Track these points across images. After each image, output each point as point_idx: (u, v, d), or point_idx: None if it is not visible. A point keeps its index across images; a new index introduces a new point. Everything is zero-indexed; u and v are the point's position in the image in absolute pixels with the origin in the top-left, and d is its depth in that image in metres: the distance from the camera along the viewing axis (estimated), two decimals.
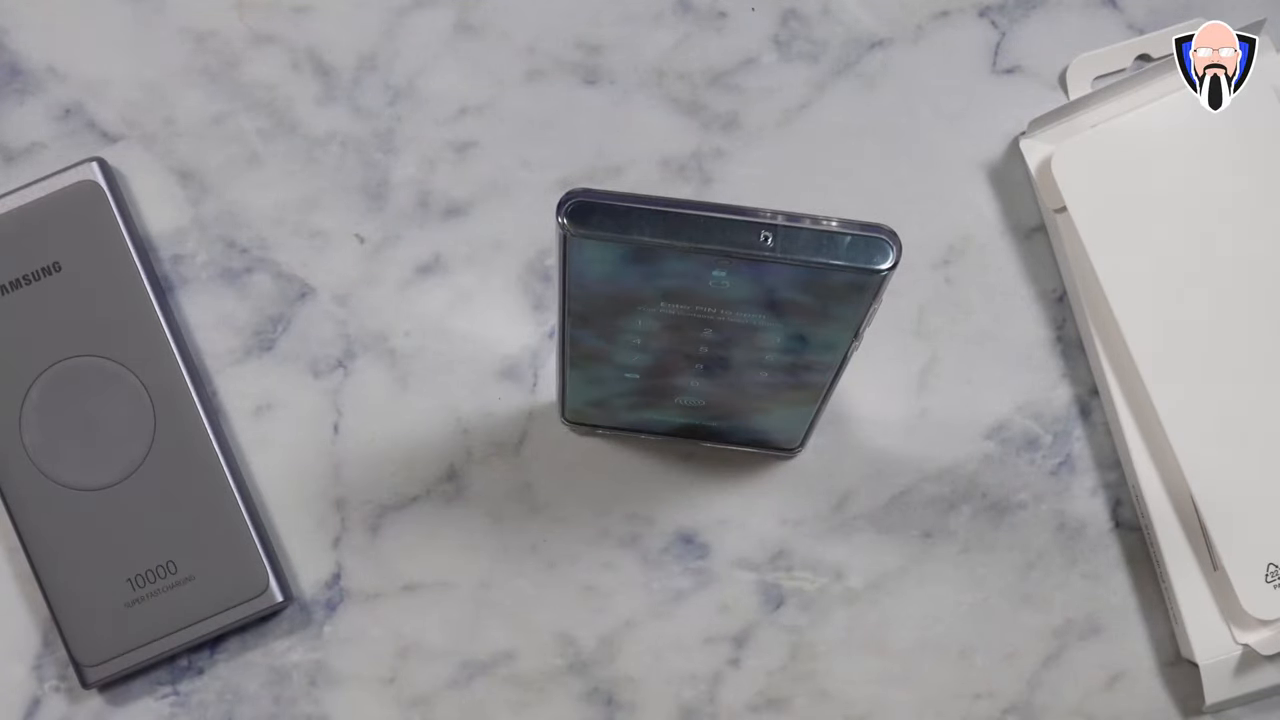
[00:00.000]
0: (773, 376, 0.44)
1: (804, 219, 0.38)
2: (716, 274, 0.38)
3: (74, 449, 0.51)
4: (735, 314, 0.40)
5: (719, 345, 0.42)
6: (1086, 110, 0.53)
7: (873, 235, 0.38)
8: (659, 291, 0.39)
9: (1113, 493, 0.54)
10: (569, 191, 0.37)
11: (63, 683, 0.53)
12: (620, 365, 0.45)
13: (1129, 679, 0.54)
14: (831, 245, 0.38)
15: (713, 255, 0.37)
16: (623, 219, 0.37)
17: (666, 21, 0.54)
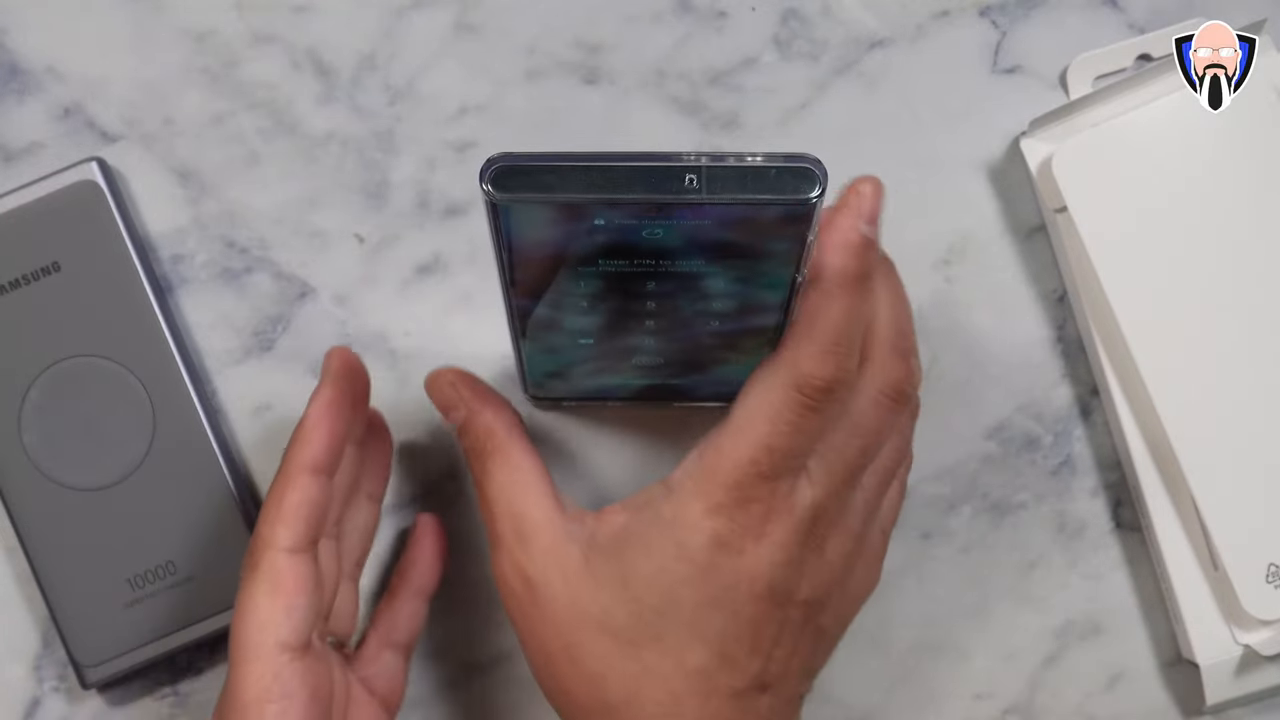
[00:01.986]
0: (724, 324, 0.43)
1: (727, 157, 0.37)
2: (648, 223, 0.38)
3: (74, 449, 0.51)
4: (675, 263, 0.40)
5: (664, 298, 0.42)
6: (1087, 110, 0.53)
7: (798, 165, 0.38)
8: (596, 249, 0.39)
9: (1113, 493, 0.54)
10: (489, 158, 0.37)
11: (62, 683, 0.53)
12: (572, 331, 0.44)
13: (1129, 679, 0.54)
14: (758, 180, 0.37)
15: (639, 205, 0.37)
16: (547, 178, 0.37)
17: (666, 21, 0.54)
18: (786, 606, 0.43)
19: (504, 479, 0.46)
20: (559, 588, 0.44)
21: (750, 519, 0.42)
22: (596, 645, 0.43)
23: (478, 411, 0.47)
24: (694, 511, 0.42)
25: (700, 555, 0.42)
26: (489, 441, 0.46)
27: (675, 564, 0.42)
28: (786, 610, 0.43)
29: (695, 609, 0.42)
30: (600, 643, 0.43)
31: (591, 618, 0.43)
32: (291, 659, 0.43)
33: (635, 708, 0.43)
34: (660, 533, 0.42)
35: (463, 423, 0.47)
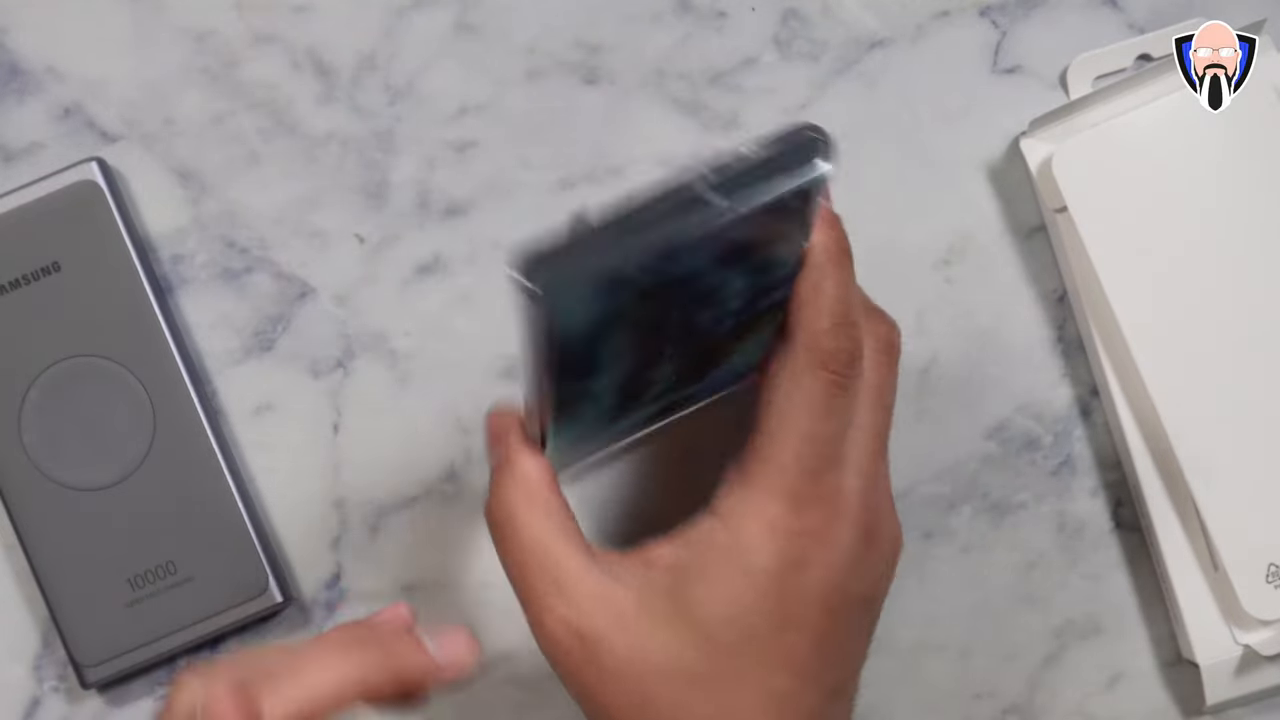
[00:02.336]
0: (739, 317, 0.41)
1: (728, 159, 0.36)
2: (683, 254, 0.37)
3: (74, 449, 0.51)
4: (699, 282, 0.38)
5: (687, 319, 0.40)
6: (1087, 110, 0.53)
7: (803, 138, 0.36)
8: (633, 300, 0.37)
9: (1113, 493, 0.54)
10: (512, 260, 0.35)
11: (62, 683, 0.53)
12: (599, 392, 0.42)
13: (1129, 679, 0.54)
14: (772, 169, 0.36)
15: (682, 245, 0.36)
16: (580, 254, 0.35)
17: (666, 21, 0.54)
18: (853, 608, 0.42)
19: (538, 527, 0.42)
20: (617, 637, 0.41)
21: (812, 526, 0.40)
22: (669, 692, 0.41)
23: (517, 454, 0.43)
24: (753, 533, 0.40)
25: (770, 579, 0.40)
26: (523, 486, 0.43)
27: (745, 593, 0.40)
28: (852, 612, 0.42)
29: (771, 635, 0.41)
30: (672, 688, 0.41)
31: (658, 664, 0.41)
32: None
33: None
34: (721, 562, 0.40)
35: (499, 462, 0.44)
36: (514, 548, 0.42)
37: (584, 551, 0.42)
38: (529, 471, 0.43)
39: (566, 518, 0.43)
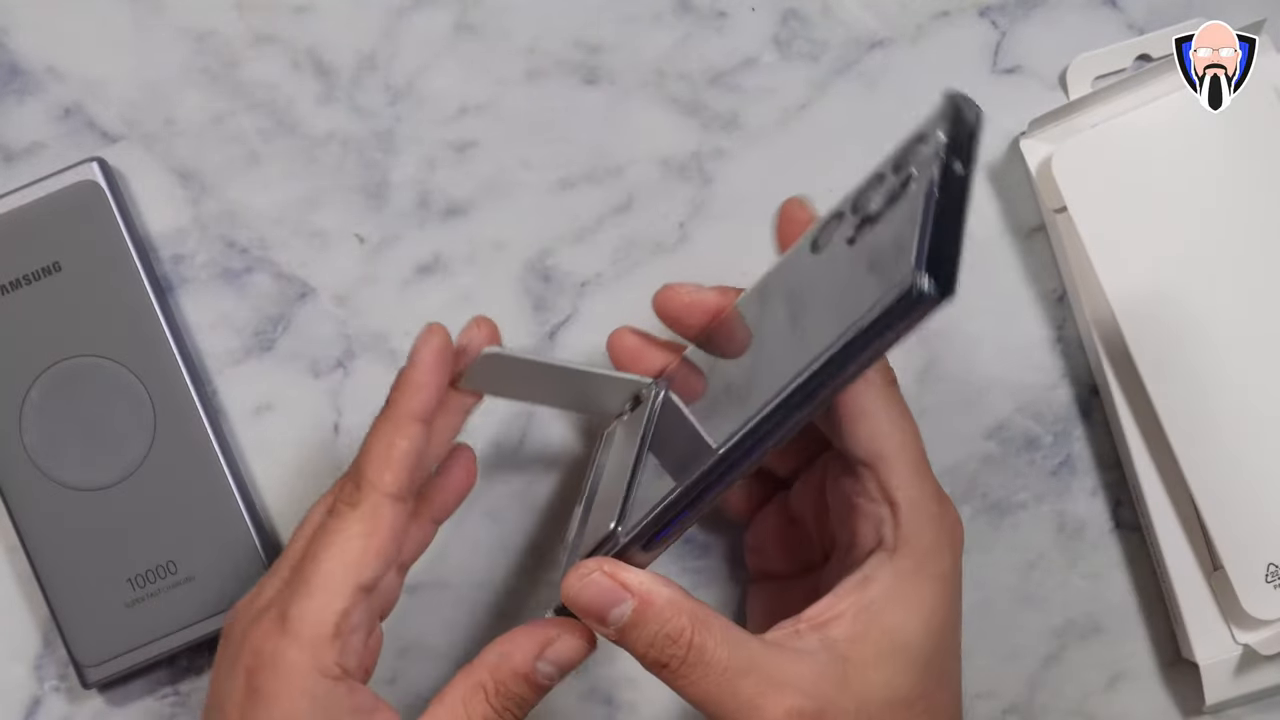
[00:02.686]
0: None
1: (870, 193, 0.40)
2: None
3: (74, 449, 0.51)
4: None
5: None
6: (1086, 110, 0.53)
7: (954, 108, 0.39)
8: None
9: (1113, 493, 0.54)
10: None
11: (63, 682, 0.53)
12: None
13: (1129, 679, 0.54)
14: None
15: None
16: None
17: (666, 21, 0.54)
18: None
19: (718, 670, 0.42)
20: (844, 700, 0.42)
21: (959, 533, 0.45)
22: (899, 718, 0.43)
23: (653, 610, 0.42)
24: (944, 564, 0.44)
25: (945, 583, 0.44)
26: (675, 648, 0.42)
27: (934, 609, 0.44)
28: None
29: (954, 633, 0.45)
30: (902, 715, 0.43)
31: (884, 700, 0.43)
32: (366, 601, 0.43)
33: None
34: (900, 588, 0.43)
35: (629, 623, 0.42)
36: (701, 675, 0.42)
37: (765, 641, 0.43)
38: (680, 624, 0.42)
39: (719, 615, 0.43)
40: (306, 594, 0.42)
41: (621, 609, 0.42)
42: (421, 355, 0.45)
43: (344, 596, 0.42)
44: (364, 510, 0.43)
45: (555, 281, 0.54)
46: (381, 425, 0.44)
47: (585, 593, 0.43)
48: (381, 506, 0.43)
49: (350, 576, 0.42)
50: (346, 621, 0.42)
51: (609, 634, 0.43)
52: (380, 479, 0.43)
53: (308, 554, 0.43)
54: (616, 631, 0.42)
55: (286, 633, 0.42)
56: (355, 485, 0.43)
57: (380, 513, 0.43)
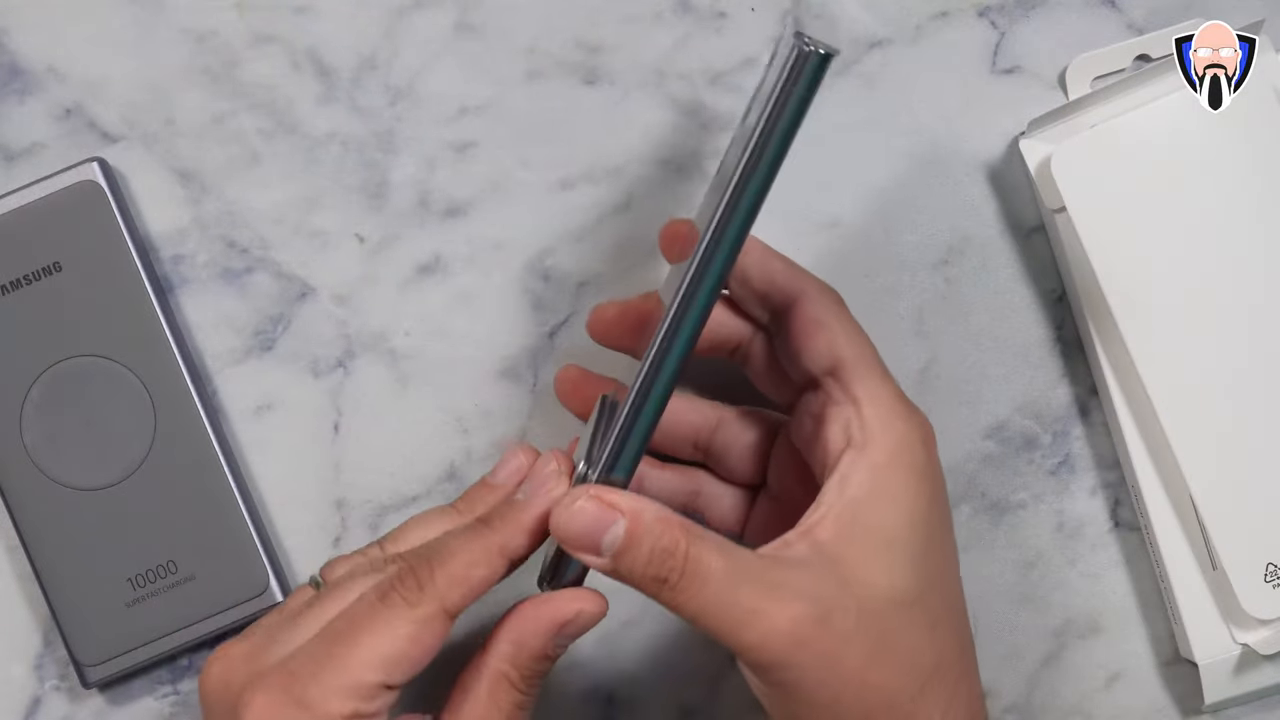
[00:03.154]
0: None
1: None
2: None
3: (74, 449, 0.51)
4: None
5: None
6: (1086, 110, 0.53)
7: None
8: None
9: (1112, 493, 0.54)
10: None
11: (63, 682, 0.53)
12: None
13: (1128, 678, 0.54)
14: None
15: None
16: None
17: (666, 21, 0.54)
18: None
19: (716, 579, 0.42)
20: (846, 601, 0.42)
21: (920, 418, 0.46)
22: (903, 617, 0.43)
23: (644, 525, 0.42)
24: (917, 456, 0.45)
25: (924, 473, 0.45)
26: (673, 560, 0.42)
27: (916, 495, 0.44)
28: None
29: (946, 516, 0.45)
30: (904, 613, 0.43)
31: (890, 598, 0.43)
32: (384, 701, 0.41)
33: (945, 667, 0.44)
34: (882, 485, 0.44)
35: (622, 546, 0.42)
36: (700, 586, 0.42)
37: (759, 554, 0.43)
38: (676, 538, 0.42)
39: (708, 533, 0.42)
40: (334, 673, 0.40)
41: (614, 532, 0.41)
42: (540, 509, 0.44)
43: (370, 689, 0.41)
44: (420, 615, 0.41)
45: (555, 281, 0.54)
46: (474, 542, 0.43)
47: (575, 521, 0.42)
48: (436, 620, 0.42)
49: (382, 673, 0.41)
50: (366, 710, 0.41)
51: (602, 564, 0.42)
52: (449, 595, 0.42)
53: (344, 630, 0.41)
54: (611, 558, 0.42)
55: (303, 708, 0.40)
56: (419, 585, 0.42)
57: (433, 626, 0.42)
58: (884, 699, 0.42)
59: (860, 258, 0.54)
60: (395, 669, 0.41)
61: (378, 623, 0.41)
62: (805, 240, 0.53)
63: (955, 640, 0.45)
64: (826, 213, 0.54)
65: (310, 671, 0.40)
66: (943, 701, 0.43)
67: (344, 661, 0.40)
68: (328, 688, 0.40)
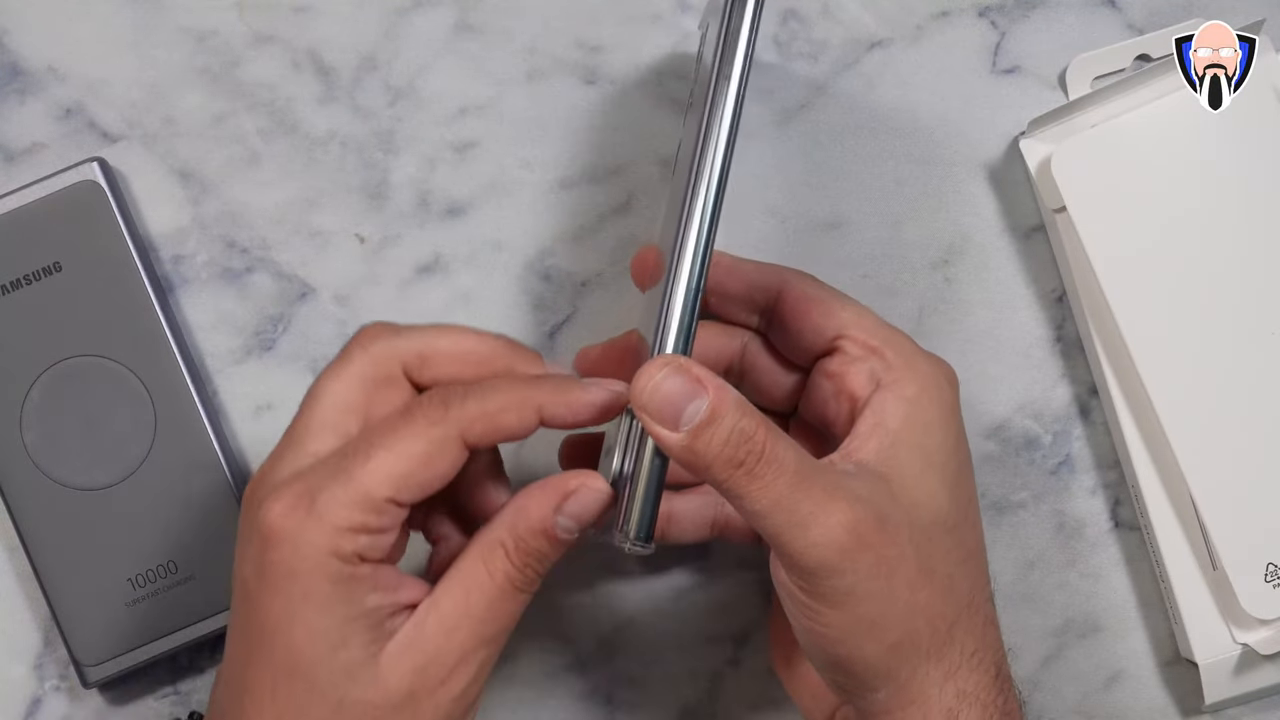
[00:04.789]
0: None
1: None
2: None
3: (74, 449, 0.51)
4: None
5: None
6: (1086, 110, 0.53)
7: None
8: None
9: (1112, 492, 0.54)
10: None
11: (63, 682, 0.53)
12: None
13: (1128, 678, 0.54)
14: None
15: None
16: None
17: (666, 21, 0.54)
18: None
19: (789, 472, 0.41)
20: (896, 513, 0.42)
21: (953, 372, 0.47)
22: (943, 538, 0.43)
23: (727, 405, 0.41)
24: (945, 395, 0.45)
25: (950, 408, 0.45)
26: (752, 444, 0.41)
27: (947, 426, 0.44)
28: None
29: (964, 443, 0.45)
30: (943, 536, 0.43)
31: (932, 519, 0.43)
32: (392, 517, 0.41)
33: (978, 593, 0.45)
34: (917, 411, 0.44)
35: (704, 420, 0.41)
36: (775, 476, 0.41)
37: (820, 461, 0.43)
38: (755, 424, 0.41)
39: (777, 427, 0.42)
40: (345, 483, 0.40)
41: (695, 406, 0.40)
42: (595, 396, 0.42)
43: (378, 503, 0.40)
44: (437, 434, 0.41)
45: (555, 281, 0.54)
46: (516, 390, 0.42)
47: (662, 388, 0.41)
48: (451, 444, 0.41)
49: (390, 489, 0.40)
50: (374, 524, 0.40)
51: (678, 441, 0.41)
52: (471, 426, 0.41)
53: (360, 445, 0.41)
54: (689, 433, 0.40)
55: (312, 513, 0.40)
56: (445, 406, 0.41)
57: (447, 450, 0.41)
58: (924, 623, 0.42)
59: (860, 258, 0.54)
60: (404, 487, 0.40)
61: (393, 438, 0.41)
62: (805, 240, 0.54)
63: (983, 580, 0.45)
64: (827, 213, 0.54)
65: (324, 481, 0.40)
66: (972, 641, 0.44)
67: (355, 474, 0.40)
68: (336, 499, 0.40)
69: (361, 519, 0.40)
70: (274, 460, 0.42)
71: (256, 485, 0.42)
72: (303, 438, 0.42)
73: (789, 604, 0.43)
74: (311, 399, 0.42)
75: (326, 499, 0.40)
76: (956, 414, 0.45)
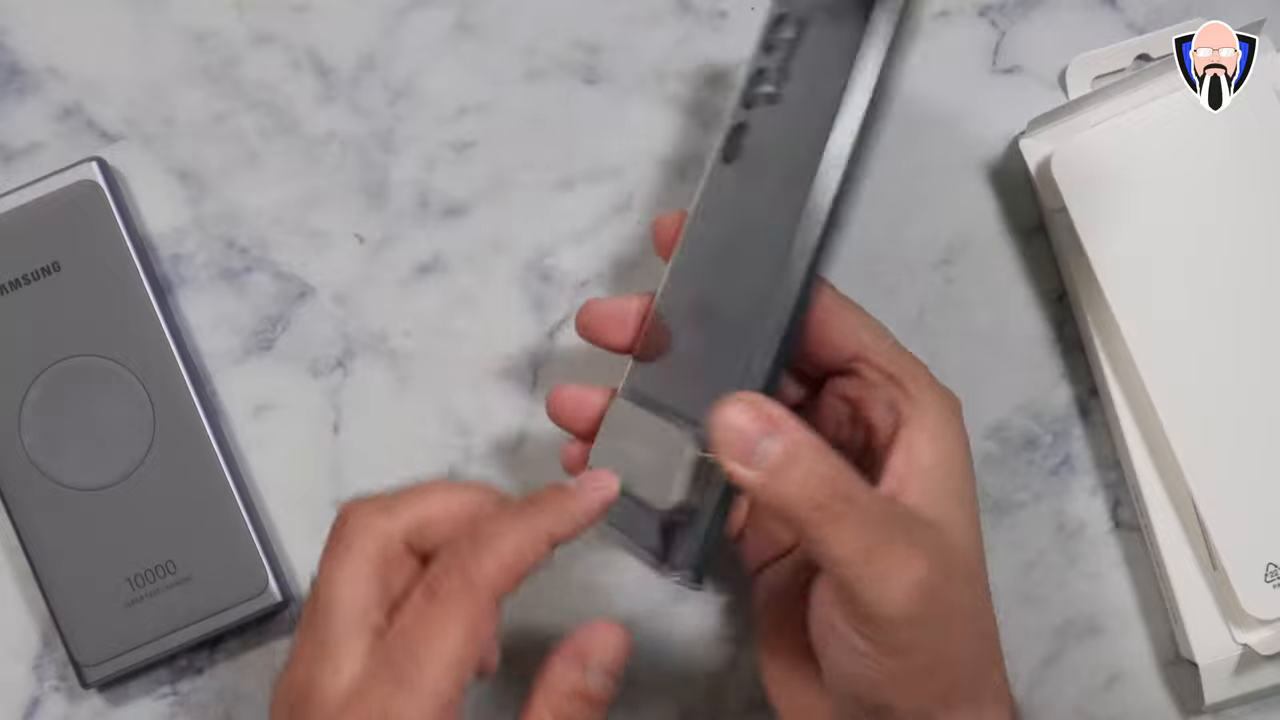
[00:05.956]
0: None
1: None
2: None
3: (74, 449, 0.51)
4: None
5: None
6: (1086, 110, 0.53)
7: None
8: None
9: (1113, 493, 0.54)
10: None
11: (63, 682, 0.53)
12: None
13: (1128, 679, 0.54)
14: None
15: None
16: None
17: (666, 21, 0.54)
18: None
19: (871, 515, 0.41)
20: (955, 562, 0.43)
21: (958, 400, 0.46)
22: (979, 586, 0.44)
23: (808, 446, 0.40)
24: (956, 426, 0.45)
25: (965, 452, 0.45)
26: (832, 486, 0.40)
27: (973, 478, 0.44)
28: None
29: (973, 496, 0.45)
30: (980, 583, 0.44)
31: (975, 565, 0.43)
32: (460, 700, 0.40)
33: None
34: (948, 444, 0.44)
35: (780, 462, 0.40)
36: (858, 519, 0.40)
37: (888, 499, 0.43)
38: (834, 466, 0.41)
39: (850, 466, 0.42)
40: (412, 691, 0.39)
41: (767, 444, 0.40)
42: (593, 501, 0.43)
43: (450, 695, 0.40)
44: (474, 611, 0.40)
45: (555, 281, 0.54)
46: (519, 528, 0.41)
47: (734, 421, 0.40)
48: (488, 612, 0.40)
49: (454, 679, 0.40)
50: (454, 708, 0.40)
51: (754, 478, 0.40)
52: (502, 581, 0.41)
53: (408, 648, 0.40)
54: (766, 472, 0.40)
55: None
56: (467, 579, 0.41)
57: (486, 618, 0.40)
58: (967, 670, 0.43)
59: (861, 258, 0.54)
60: (464, 672, 0.40)
61: (436, 632, 0.40)
62: None
63: (993, 610, 0.45)
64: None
65: (389, 699, 0.40)
66: (997, 675, 0.44)
67: (418, 683, 0.40)
68: (411, 710, 0.39)
69: (441, 717, 0.40)
70: (311, 674, 0.41)
71: (302, 706, 0.40)
72: (335, 650, 0.41)
73: (836, 645, 0.42)
74: (328, 601, 0.42)
75: (399, 714, 0.39)
76: (965, 443, 0.45)
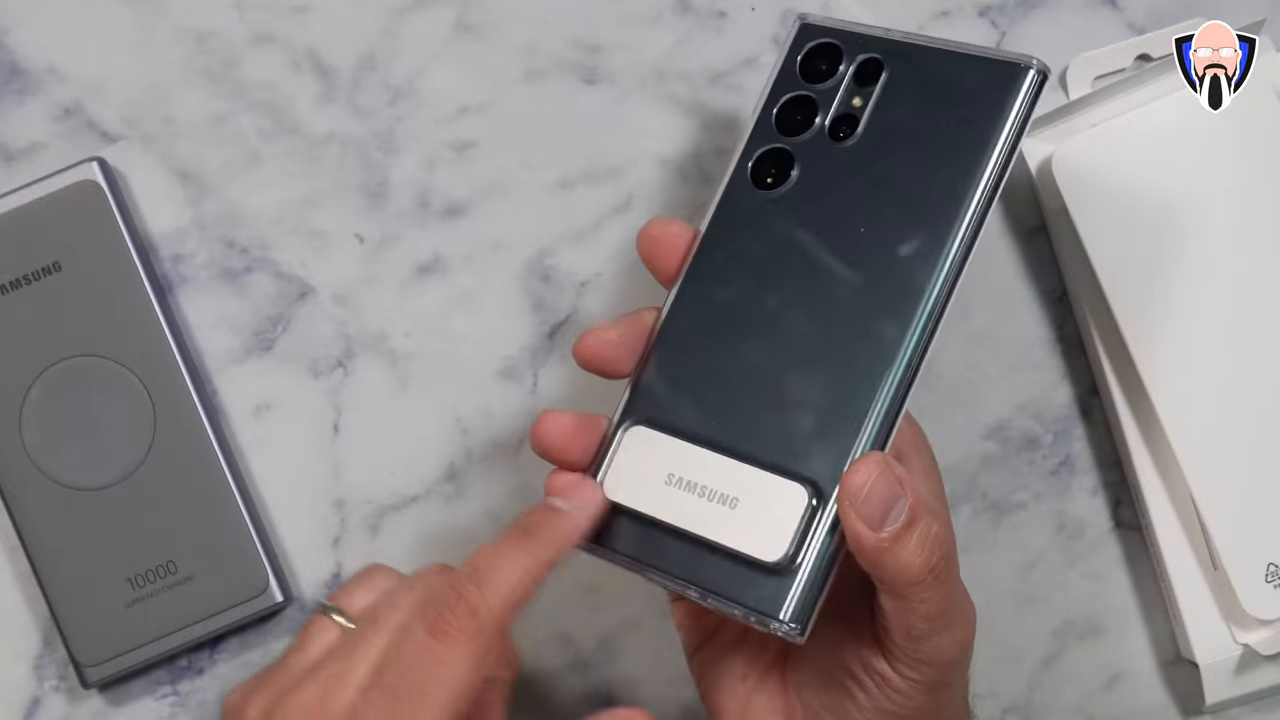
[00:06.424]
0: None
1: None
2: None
3: (74, 449, 0.51)
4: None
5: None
6: (1086, 110, 0.53)
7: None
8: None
9: (1113, 493, 0.54)
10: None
11: (63, 682, 0.53)
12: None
13: (1129, 679, 0.54)
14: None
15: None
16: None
17: (666, 21, 0.54)
18: None
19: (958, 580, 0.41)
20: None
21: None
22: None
23: (924, 506, 0.39)
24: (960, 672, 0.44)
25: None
26: (941, 548, 0.39)
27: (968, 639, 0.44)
28: None
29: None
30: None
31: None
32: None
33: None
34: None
35: (904, 525, 0.39)
36: (955, 581, 0.41)
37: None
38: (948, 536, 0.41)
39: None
40: (400, 709, 0.38)
41: (900, 507, 0.38)
42: (584, 517, 0.42)
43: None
44: (479, 647, 0.39)
45: (555, 281, 0.54)
46: (518, 556, 0.40)
47: (876, 490, 0.38)
48: (494, 639, 0.39)
49: (461, 709, 0.39)
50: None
51: (875, 542, 0.38)
52: (505, 615, 0.40)
53: (413, 684, 0.39)
54: (891, 535, 0.38)
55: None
56: (471, 611, 0.39)
57: (492, 651, 0.40)
58: (962, 699, 0.44)
59: None
60: (469, 701, 0.39)
61: (435, 666, 0.39)
62: None
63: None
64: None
65: (382, 702, 0.39)
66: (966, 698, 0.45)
67: (416, 700, 0.39)
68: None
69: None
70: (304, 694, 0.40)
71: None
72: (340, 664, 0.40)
73: (869, 687, 0.42)
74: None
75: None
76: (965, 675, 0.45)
